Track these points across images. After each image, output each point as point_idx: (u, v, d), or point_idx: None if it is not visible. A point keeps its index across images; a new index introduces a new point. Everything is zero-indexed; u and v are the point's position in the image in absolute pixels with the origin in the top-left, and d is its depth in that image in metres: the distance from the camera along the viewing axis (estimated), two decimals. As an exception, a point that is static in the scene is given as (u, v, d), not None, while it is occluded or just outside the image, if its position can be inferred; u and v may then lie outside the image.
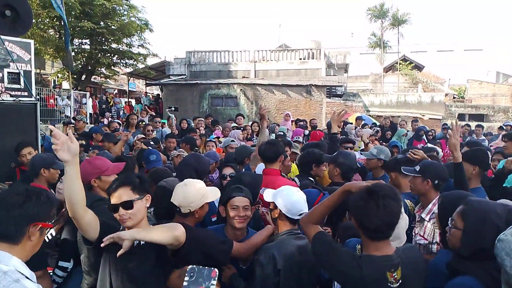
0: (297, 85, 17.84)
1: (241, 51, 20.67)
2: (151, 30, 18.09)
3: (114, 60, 18.05)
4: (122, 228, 1.95)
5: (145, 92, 25.59)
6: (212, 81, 19.00)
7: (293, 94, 17.87)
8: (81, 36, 16.65)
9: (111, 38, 16.63)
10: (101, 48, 17.13)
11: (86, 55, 17.11)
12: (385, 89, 25.76)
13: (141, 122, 7.56)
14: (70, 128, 7.48)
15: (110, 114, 15.65)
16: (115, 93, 24.60)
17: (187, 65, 20.69)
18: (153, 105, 19.61)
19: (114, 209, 1.90)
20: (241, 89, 18.36)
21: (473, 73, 30.74)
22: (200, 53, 20.96)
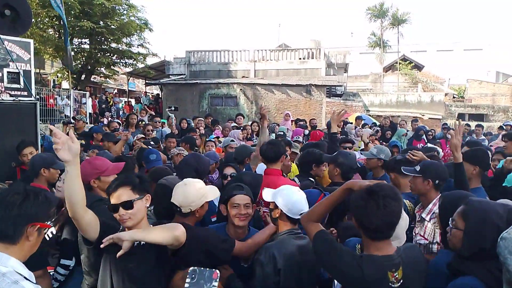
0: (297, 85, 17.82)
1: (241, 51, 20.66)
2: (151, 30, 18.11)
3: (114, 60, 18.06)
4: (122, 228, 1.94)
5: (145, 92, 25.62)
6: (212, 81, 18.99)
7: (293, 94, 17.86)
8: (81, 36, 16.67)
9: (111, 38, 16.64)
10: (101, 48, 17.14)
11: (86, 55, 17.12)
12: (385, 89, 25.77)
13: (141, 122, 7.56)
14: (70, 128, 7.47)
15: (110, 114, 15.66)
16: (115, 93, 24.59)
17: (187, 65, 20.69)
18: (153, 105, 19.62)
19: (114, 209, 1.88)
20: (241, 89, 18.35)
21: (473, 73, 30.76)
22: (200, 53, 20.94)
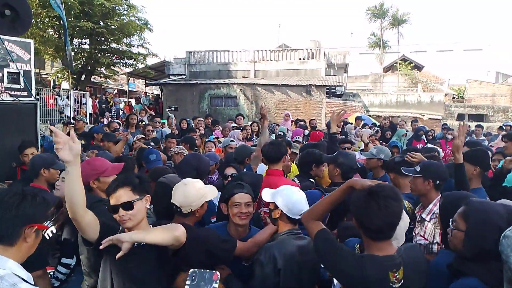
0: (297, 85, 17.82)
1: (241, 51, 20.66)
2: (151, 30, 18.10)
3: (114, 60, 18.04)
4: (122, 229, 1.94)
5: (145, 92, 25.59)
6: (212, 81, 18.99)
7: (293, 94, 17.86)
8: (81, 36, 16.67)
9: (111, 38, 16.64)
10: (101, 48, 17.14)
11: (86, 55, 17.11)
12: (385, 89, 25.77)
13: (141, 122, 7.56)
14: (71, 128, 7.47)
15: (110, 114, 15.64)
16: (115, 93, 24.56)
17: (187, 65, 20.68)
18: (153, 105, 19.63)
19: (114, 210, 1.87)
20: (241, 89, 18.35)
21: (473, 73, 30.76)
22: (200, 53, 20.94)
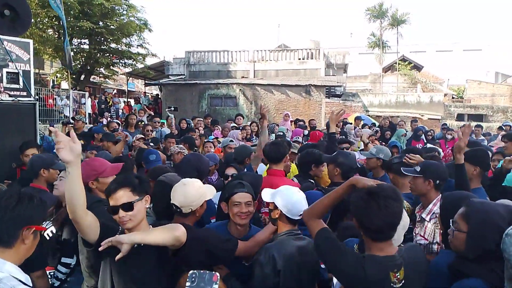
0: (296, 85, 17.83)
1: (240, 51, 20.64)
2: (150, 30, 18.07)
3: (113, 60, 18.02)
4: (122, 229, 1.93)
5: (144, 92, 25.60)
6: (211, 81, 18.98)
7: (292, 94, 17.86)
8: (80, 36, 16.64)
9: (110, 38, 16.62)
10: (100, 48, 17.11)
11: (85, 55, 17.09)
12: (384, 89, 25.80)
13: (140, 122, 7.55)
14: (70, 129, 7.46)
15: (109, 114, 15.59)
16: (114, 93, 24.47)
17: (186, 65, 20.66)
18: (152, 105, 19.58)
19: (114, 211, 1.86)
20: (240, 89, 18.35)
21: (472, 73, 30.80)
22: (199, 53, 20.93)
